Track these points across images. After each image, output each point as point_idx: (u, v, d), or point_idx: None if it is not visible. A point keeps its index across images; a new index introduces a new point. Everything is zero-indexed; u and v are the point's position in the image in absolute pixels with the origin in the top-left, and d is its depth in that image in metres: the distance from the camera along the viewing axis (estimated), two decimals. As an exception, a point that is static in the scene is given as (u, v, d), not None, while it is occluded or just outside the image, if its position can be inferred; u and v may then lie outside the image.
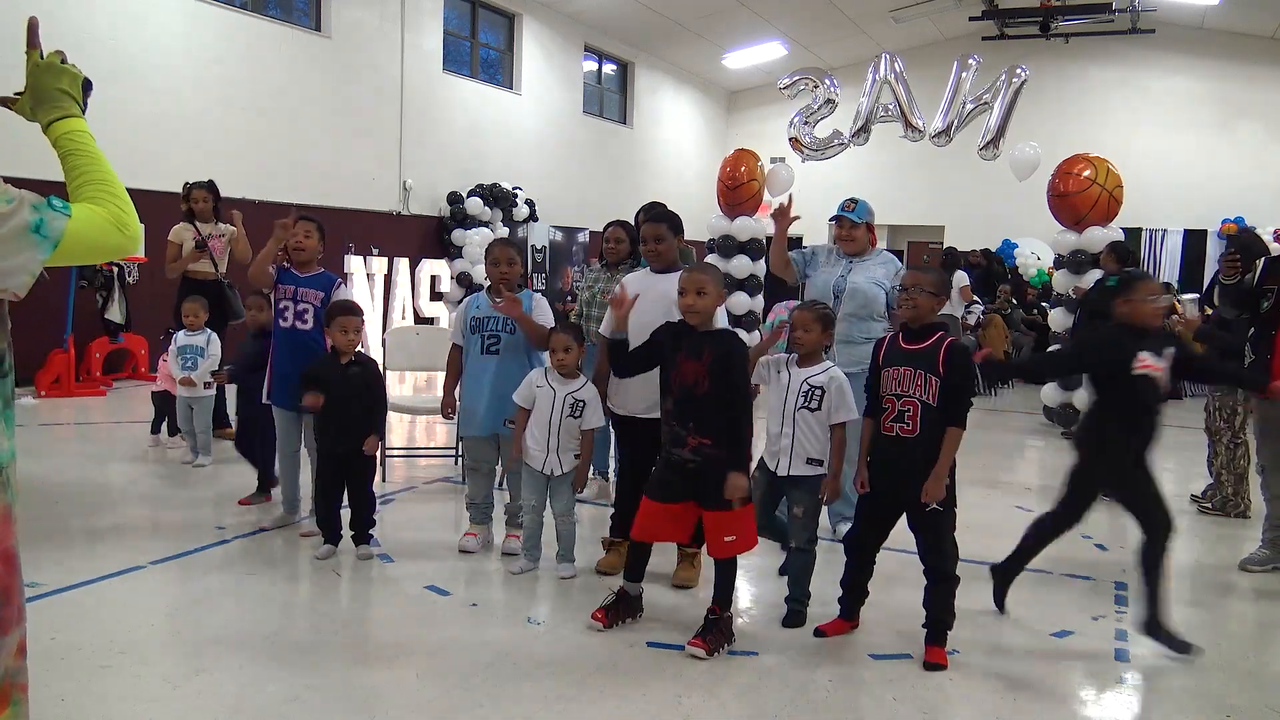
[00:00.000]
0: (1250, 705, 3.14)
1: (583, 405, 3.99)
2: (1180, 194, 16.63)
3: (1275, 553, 4.54)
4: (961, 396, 3.27)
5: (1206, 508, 5.70)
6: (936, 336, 3.31)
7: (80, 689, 2.91)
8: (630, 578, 3.59)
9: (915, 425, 3.26)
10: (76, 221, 1.68)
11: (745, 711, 2.94)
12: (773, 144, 14.24)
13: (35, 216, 1.62)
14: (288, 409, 4.50)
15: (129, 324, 9.05)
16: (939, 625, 3.36)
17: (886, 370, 3.37)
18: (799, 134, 9.57)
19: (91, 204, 1.73)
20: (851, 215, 4.56)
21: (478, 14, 14.39)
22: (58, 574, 3.88)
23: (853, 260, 4.55)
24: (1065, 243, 8.51)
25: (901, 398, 3.29)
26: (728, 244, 9.35)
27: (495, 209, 13.46)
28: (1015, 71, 9.01)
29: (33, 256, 1.63)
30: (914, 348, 3.32)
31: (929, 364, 3.26)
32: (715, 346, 3.38)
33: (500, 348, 4.26)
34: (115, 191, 1.77)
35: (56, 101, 1.80)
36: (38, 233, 1.62)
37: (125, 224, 1.77)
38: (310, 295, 4.50)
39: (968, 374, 3.30)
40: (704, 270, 3.48)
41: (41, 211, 1.63)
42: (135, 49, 9.41)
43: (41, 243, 1.63)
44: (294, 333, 4.49)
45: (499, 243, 4.43)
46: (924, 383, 3.25)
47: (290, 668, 3.12)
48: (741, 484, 3.32)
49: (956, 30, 17.31)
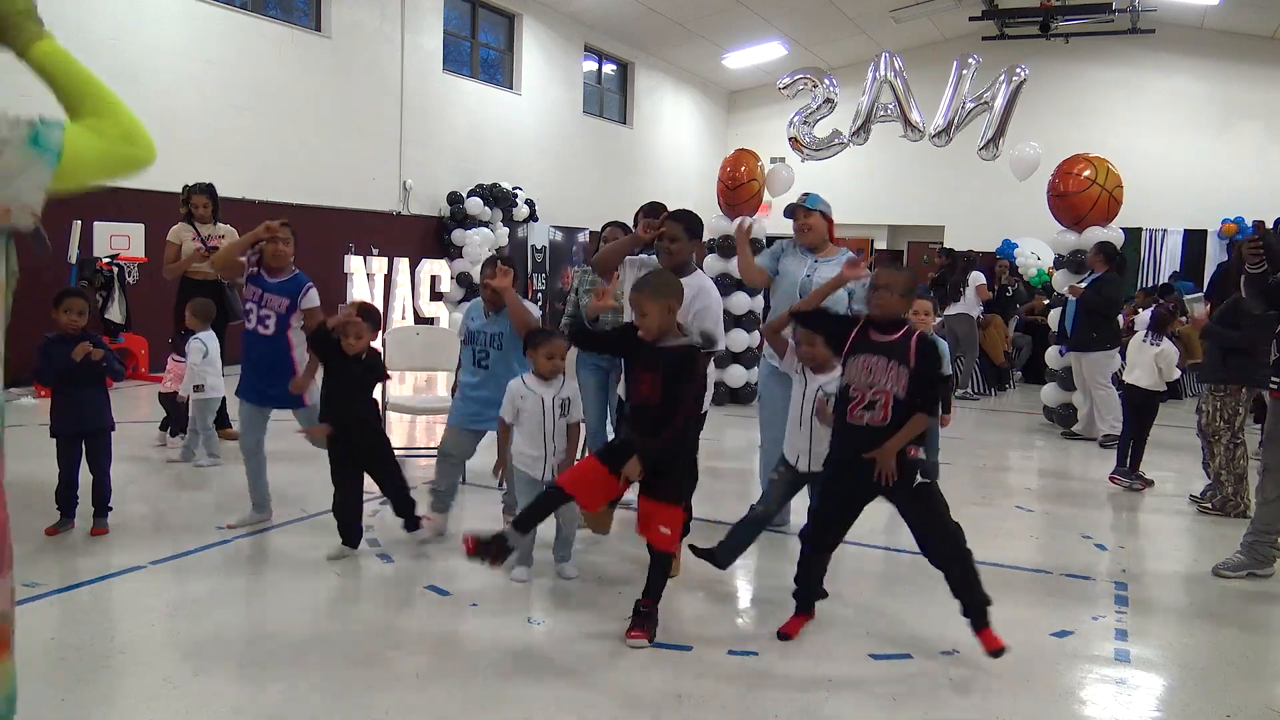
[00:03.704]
0: (1250, 705, 3.14)
1: (569, 402, 4.04)
2: (1180, 194, 16.63)
3: (1251, 559, 4.42)
4: (932, 385, 3.31)
5: (1206, 508, 5.70)
6: (906, 328, 3.34)
7: (80, 689, 2.91)
8: (519, 527, 3.48)
9: (885, 414, 3.27)
10: (73, 131, 1.66)
11: (745, 711, 2.94)
12: (772, 144, 14.23)
13: (29, 130, 1.61)
14: (253, 403, 4.58)
15: (129, 324, 9.04)
16: (976, 608, 3.30)
17: (854, 359, 3.38)
18: (799, 134, 9.56)
19: (94, 118, 1.70)
20: (805, 204, 4.61)
21: (478, 14, 14.39)
22: (58, 574, 3.88)
23: (817, 261, 4.57)
24: (1065, 243, 8.51)
25: (872, 387, 3.30)
26: (728, 244, 9.34)
27: (495, 209, 13.46)
28: (1015, 71, 9.00)
29: (40, 170, 1.62)
30: (884, 339, 3.33)
31: (900, 355, 3.28)
32: (668, 364, 3.41)
33: (489, 363, 4.46)
34: (116, 104, 1.73)
35: (21, 25, 1.72)
36: (36, 144, 1.61)
37: (134, 135, 1.73)
38: (274, 302, 4.51)
39: (937, 365, 3.37)
40: (641, 289, 3.48)
41: (33, 126, 1.62)
42: (135, 49, 9.41)
43: (43, 154, 1.62)
44: (256, 336, 4.54)
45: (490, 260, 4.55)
46: (895, 373, 3.27)
47: (290, 668, 3.12)
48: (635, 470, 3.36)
49: (956, 30, 17.30)
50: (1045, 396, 8.81)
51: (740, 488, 5.73)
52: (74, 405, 4.34)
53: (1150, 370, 6.26)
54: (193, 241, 6.52)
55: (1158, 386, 6.32)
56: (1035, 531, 5.23)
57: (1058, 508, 5.80)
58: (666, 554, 3.50)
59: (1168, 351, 6.23)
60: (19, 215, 1.64)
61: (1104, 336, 7.80)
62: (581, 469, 3.55)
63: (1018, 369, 11.95)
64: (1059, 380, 8.59)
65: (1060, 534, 5.17)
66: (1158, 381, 6.29)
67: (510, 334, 4.39)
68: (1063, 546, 4.93)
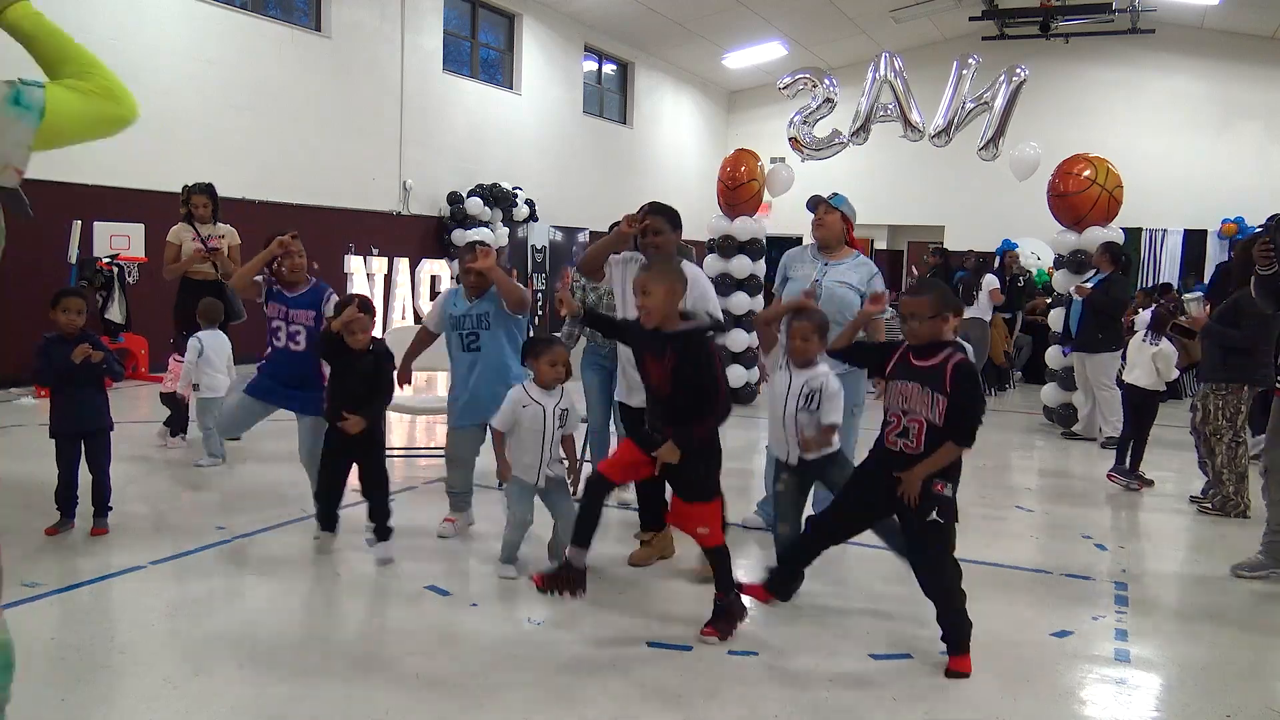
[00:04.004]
0: (1250, 705, 3.14)
1: (568, 414, 4.04)
2: (1180, 194, 16.63)
3: (1271, 559, 4.41)
4: (966, 416, 3.19)
5: (1206, 508, 5.70)
6: (944, 354, 3.23)
7: (80, 689, 2.91)
8: (578, 542, 3.42)
9: (919, 442, 3.22)
10: (54, 89, 1.69)
11: (745, 711, 2.94)
12: (772, 144, 14.23)
13: (9, 90, 1.64)
14: (262, 400, 4.62)
15: (129, 324, 9.04)
16: (955, 637, 3.30)
17: (894, 384, 3.33)
18: (798, 134, 9.56)
19: (75, 78, 1.72)
20: (829, 200, 4.60)
21: (478, 14, 14.40)
22: (58, 574, 3.88)
23: (828, 263, 4.56)
24: (1065, 243, 8.51)
25: (908, 414, 3.25)
26: (728, 244, 9.34)
27: (495, 209, 13.47)
28: (1015, 71, 9.00)
29: (22, 128, 1.65)
30: (922, 364, 3.26)
31: (936, 382, 3.20)
32: (676, 349, 3.36)
33: (480, 344, 4.40)
34: (96, 64, 1.75)
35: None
36: (18, 104, 1.64)
37: (116, 93, 1.75)
38: (301, 316, 4.56)
39: (974, 394, 3.23)
40: (648, 270, 3.47)
41: (14, 86, 1.65)
42: (135, 49, 9.41)
43: (25, 113, 1.65)
44: (288, 353, 4.56)
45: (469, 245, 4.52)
46: (931, 401, 3.19)
47: (290, 668, 3.11)
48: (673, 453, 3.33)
49: (956, 30, 17.31)
50: (1045, 396, 8.81)
51: (741, 487, 5.72)
52: (73, 405, 4.34)
53: (1149, 370, 6.29)
54: (193, 242, 6.51)
55: (1157, 386, 6.34)
56: (1035, 531, 5.23)
57: (1058, 508, 5.80)
58: (717, 549, 3.48)
59: (1166, 351, 6.25)
60: (2, 174, 1.66)
61: (1109, 337, 7.79)
62: (620, 452, 3.59)
63: (1018, 369, 11.95)
64: (1059, 380, 8.59)
65: (1060, 534, 5.17)
66: (1156, 381, 6.31)
67: (497, 311, 4.37)
68: (1063, 546, 4.93)
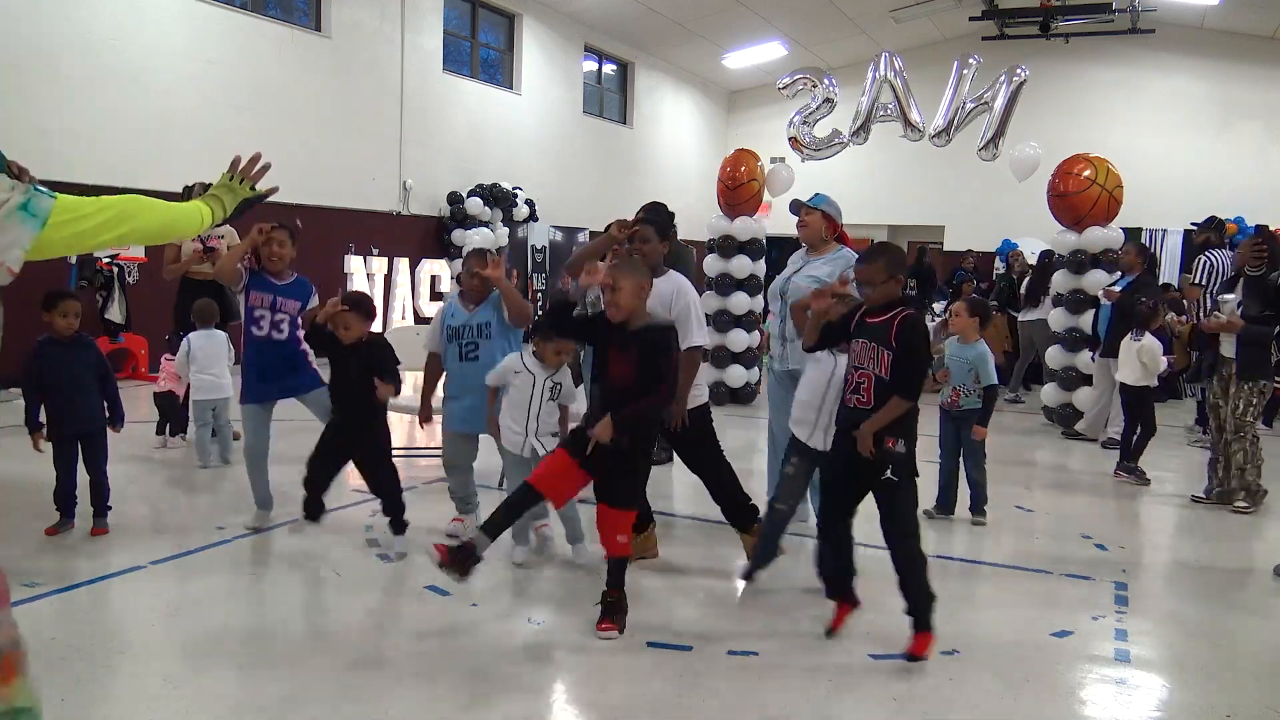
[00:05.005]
0: (1250, 705, 3.14)
1: (560, 386, 4.06)
2: (1180, 194, 16.60)
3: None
4: (909, 369, 3.25)
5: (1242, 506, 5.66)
6: (893, 312, 3.31)
7: (80, 689, 2.91)
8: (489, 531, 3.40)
9: (869, 397, 3.29)
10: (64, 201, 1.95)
11: (746, 711, 2.94)
12: (772, 144, 14.22)
13: (25, 198, 1.90)
14: (258, 403, 4.56)
15: (129, 324, 9.05)
16: (918, 608, 3.32)
17: (853, 343, 3.41)
18: (798, 134, 9.55)
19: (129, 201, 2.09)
20: (807, 201, 4.59)
21: (478, 14, 14.39)
22: (58, 574, 3.88)
23: (808, 261, 4.57)
24: (1065, 243, 8.50)
25: (859, 369, 3.34)
26: (728, 244, 9.34)
27: (495, 209, 13.46)
28: (1015, 71, 8.99)
29: (24, 232, 1.89)
30: (874, 321, 3.35)
31: (883, 338, 3.28)
32: (642, 343, 3.40)
33: (479, 354, 4.34)
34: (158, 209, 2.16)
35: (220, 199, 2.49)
36: (25, 210, 1.89)
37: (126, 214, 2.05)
38: (289, 305, 4.54)
39: (918, 348, 3.29)
40: (618, 267, 3.51)
41: (30, 194, 1.90)
42: (135, 49, 9.40)
43: (29, 220, 1.89)
44: (269, 342, 4.53)
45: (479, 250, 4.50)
46: (877, 356, 3.28)
47: (290, 668, 3.12)
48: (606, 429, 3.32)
49: (956, 30, 17.30)
50: (1045, 396, 8.80)
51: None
52: (69, 408, 4.34)
53: (1135, 366, 6.38)
54: (192, 242, 6.52)
55: (1145, 381, 6.42)
56: (1035, 531, 5.23)
57: (1058, 507, 5.80)
58: (624, 559, 3.53)
59: (1149, 346, 6.35)
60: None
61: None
62: (548, 464, 3.56)
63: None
64: (1059, 380, 8.59)
65: (1060, 534, 5.17)
66: (1144, 376, 6.39)
67: (499, 322, 4.36)
68: (1063, 546, 4.93)
